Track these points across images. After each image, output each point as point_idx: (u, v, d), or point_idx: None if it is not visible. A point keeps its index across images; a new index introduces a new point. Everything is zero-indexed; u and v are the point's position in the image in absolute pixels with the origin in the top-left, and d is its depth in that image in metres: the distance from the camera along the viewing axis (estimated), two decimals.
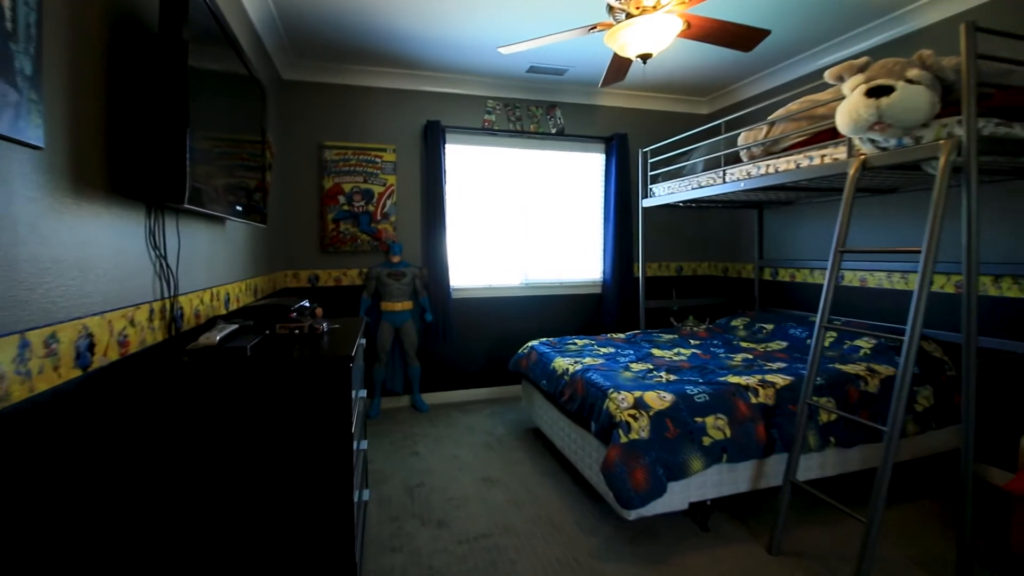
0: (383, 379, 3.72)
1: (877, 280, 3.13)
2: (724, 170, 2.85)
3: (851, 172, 2.05)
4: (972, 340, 1.71)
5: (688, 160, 3.43)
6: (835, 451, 2.34)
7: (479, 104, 4.00)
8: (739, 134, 2.77)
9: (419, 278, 3.77)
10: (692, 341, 3.35)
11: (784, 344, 3.21)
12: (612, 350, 3.10)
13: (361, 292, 3.74)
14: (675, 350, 3.09)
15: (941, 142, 1.76)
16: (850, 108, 1.91)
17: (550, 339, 3.40)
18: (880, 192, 3.02)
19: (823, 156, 2.25)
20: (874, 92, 1.84)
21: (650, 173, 3.69)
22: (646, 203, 3.71)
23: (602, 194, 4.31)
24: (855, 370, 2.54)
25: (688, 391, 2.22)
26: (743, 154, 2.72)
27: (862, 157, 2.04)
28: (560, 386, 2.69)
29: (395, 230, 3.85)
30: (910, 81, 1.80)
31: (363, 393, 2.00)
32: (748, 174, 2.68)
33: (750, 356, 2.90)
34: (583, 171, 4.31)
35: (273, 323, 1.83)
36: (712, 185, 2.97)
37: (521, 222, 4.15)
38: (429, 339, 3.90)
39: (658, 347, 3.17)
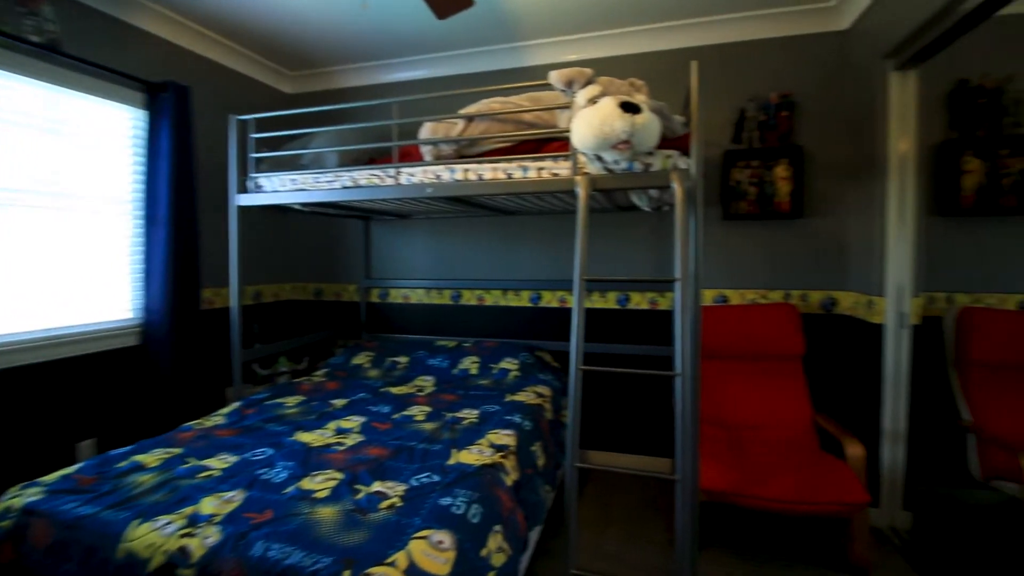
0: None
1: (494, 298, 3.17)
2: (399, 168, 2.08)
3: (583, 192, 1.80)
4: None
5: (302, 147, 2.40)
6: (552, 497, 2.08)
7: None
8: (382, 126, 2.12)
9: None
10: (333, 402, 2.35)
11: (432, 380, 2.75)
12: (232, 459, 1.71)
13: None
14: (331, 425, 2.04)
15: (672, 172, 1.74)
16: (604, 119, 1.64)
17: (69, 473, 1.57)
18: (506, 213, 3.06)
19: (540, 169, 1.91)
20: (628, 108, 1.64)
21: (252, 156, 2.38)
22: (245, 200, 2.38)
23: (142, 178, 2.51)
24: (532, 399, 2.38)
25: (452, 509, 1.37)
26: (427, 151, 2.06)
27: (589, 176, 1.83)
28: None
29: None
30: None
31: None
32: (437, 177, 2.04)
33: (427, 408, 2.26)
34: (100, 132, 2.38)
35: None
36: (380, 186, 2.12)
37: None
38: None
39: (301, 427, 2.01)
